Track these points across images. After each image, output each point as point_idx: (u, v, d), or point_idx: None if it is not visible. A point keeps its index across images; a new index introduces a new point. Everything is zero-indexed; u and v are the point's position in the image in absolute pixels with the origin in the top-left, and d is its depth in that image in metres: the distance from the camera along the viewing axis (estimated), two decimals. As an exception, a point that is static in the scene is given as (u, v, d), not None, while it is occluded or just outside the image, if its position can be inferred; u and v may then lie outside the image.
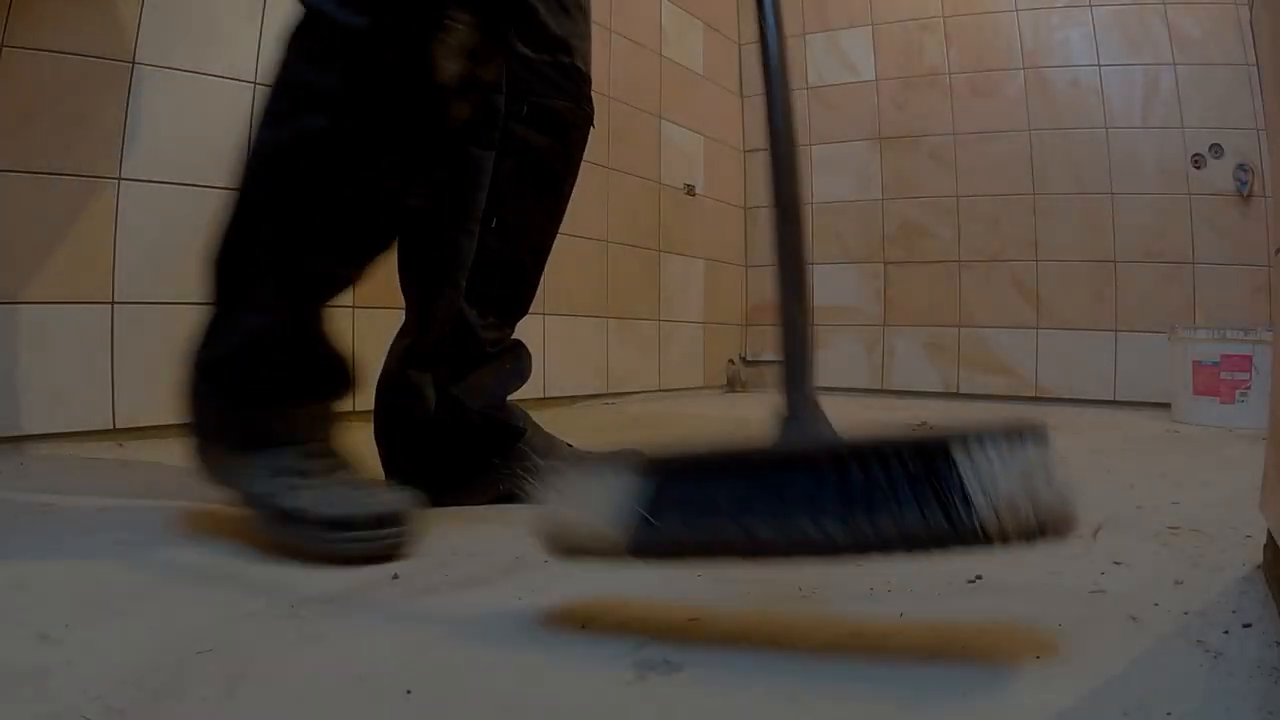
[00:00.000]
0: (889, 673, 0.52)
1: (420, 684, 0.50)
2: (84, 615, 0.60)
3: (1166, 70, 2.40)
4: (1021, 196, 2.59)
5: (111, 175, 1.40)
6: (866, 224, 2.83)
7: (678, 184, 2.70)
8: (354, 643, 0.57)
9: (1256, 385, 1.97)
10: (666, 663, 0.53)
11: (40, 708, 0.46)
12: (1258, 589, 0.68)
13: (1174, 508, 1.02)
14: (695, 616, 0.62)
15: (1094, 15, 2.50)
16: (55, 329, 1.34)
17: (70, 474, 1.15)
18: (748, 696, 0.49)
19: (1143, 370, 2.41)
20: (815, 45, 2.93)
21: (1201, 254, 2.37)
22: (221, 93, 1.54)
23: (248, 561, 0.75)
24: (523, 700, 0.48)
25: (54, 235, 1.34)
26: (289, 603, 0.64)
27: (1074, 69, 2.52)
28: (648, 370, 2.57)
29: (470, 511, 0.96)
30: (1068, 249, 2.53)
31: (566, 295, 2.28)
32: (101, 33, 1.38)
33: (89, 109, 1.37)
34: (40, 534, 0.83)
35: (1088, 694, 0.49)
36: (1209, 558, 0.78)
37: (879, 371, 2.80)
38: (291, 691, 0.49)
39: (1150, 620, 0.61)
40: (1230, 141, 2.33)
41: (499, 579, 0.72)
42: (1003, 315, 2.62)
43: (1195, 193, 2.38)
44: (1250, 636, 0.58)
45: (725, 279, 2.95)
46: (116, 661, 0.52)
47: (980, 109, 2.65)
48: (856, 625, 0.61)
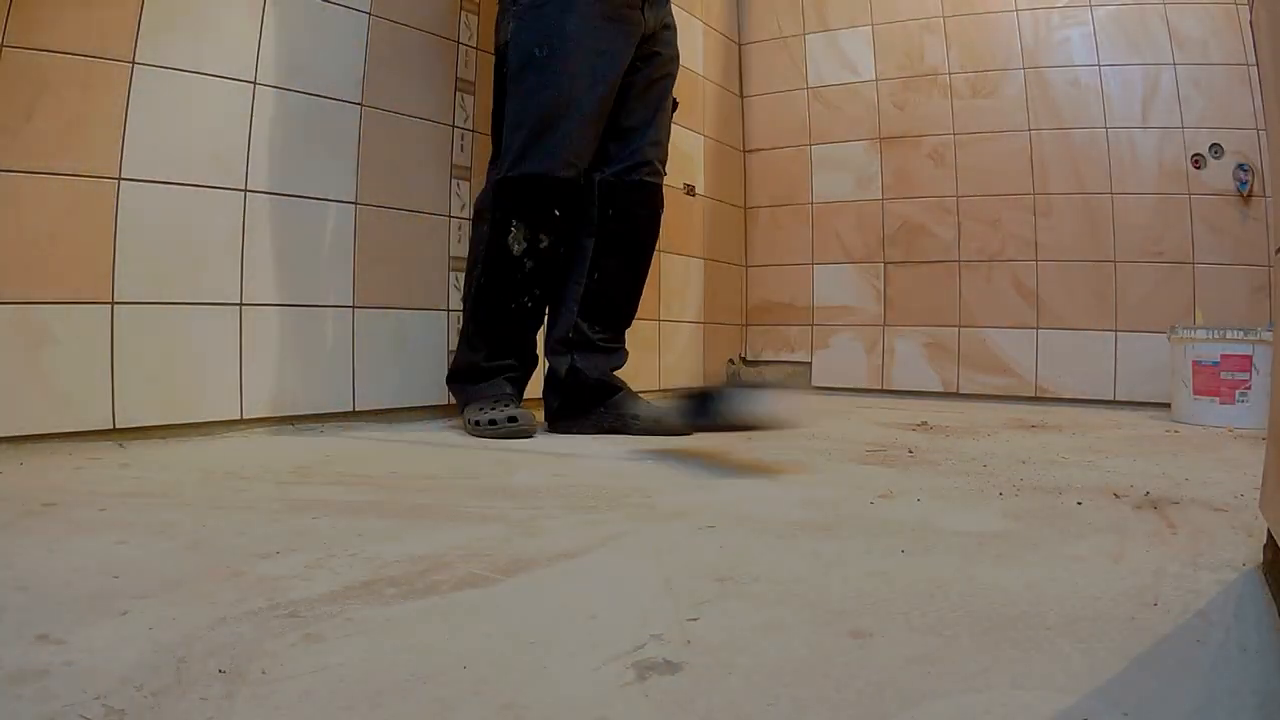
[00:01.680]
0: (886, 675, 0.53)
1: (420, 684, 0.50)
2: (84, 615, 0.60)
3: (1166, 70, 2.40)
4: (1021, 196, 2.59)
5: (111, 175, 1.40)
6: (866, 224, 2.83)
7: (678, 184, 2.70)
8: (354, 642, 0.57)
9: (1256, 385, 1.97)
10: (666, 663, 0.53)
11: (40, 708, 0.46)
12: (1258, 589, 0.68)
13: (1174, 507, 1.02)
14: (695, 616, 0.62)
15: (1094, 15, 2.50)
16: (55, 329, 1.34)
17: (70, 474, 1.15)
18: (748, 696, 0.49)
19: (1143, 370, 2.41)
20: (815, 45, 2.93)
21: (1201, 254, 2.37)
22: (221, 93, 1.54)
23: (248, 562, 0.75)
24: (523, 700, 0.48)
25: (54, 235, 1.34)
26: (289, 603, 0.64)
27: (1074, 69, 2.52)
28: (648, 370, 2.57)
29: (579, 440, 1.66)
30: (1068, 249, 2.53)
31: (566, 295, 2.27)
32: (101, 33, 1.38)
33: (89, 109, 1.37)
34: (40, 534, 0.83)
35: (1088, 694, 0.49)
36: (1209, 557, 0.78)
37: (879, 371, 2.80)
38: (291, 691, 0.49)
39: (1150, 620, 0.61)
40: (1230, 141, 2.33)
41: (498, 580, 0.72)
42: (1003, 315, 2.62)
43: (1195, 193, 2.38)
44: (1251, 636, 0.58)
45: (725, 279, 2.95)
46: (116, 661, 0.52)
47: (980, 109, 2.66)
48: (856, 626, 0.61)
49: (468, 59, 1.99)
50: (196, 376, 1.51)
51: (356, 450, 1.44)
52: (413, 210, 1.87)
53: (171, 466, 1.23)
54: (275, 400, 1.62)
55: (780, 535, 0.88)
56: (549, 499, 1.06)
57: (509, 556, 0.78)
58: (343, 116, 1.73)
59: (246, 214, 1.57)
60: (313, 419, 1.68)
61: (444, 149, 1.95)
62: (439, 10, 1.94)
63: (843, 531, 0.90)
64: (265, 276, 1.60)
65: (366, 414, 1.77)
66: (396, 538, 0.84)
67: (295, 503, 1.01)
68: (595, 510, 0.99)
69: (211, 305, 1.53)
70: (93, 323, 1.38)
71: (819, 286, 2.91)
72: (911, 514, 0.99)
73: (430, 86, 1.91)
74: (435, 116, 1.92)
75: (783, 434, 1.59)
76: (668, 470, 1.29)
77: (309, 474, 1.21)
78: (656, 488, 1.14)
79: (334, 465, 1.29)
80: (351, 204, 1.75)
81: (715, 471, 1.30)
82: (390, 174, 1.82)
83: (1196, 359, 2.05)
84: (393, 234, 1.83)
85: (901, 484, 1.18)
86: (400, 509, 0.99)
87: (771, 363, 2.98)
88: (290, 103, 1.64)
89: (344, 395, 1.73)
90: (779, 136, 3.00)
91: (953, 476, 1.24)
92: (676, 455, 1.44)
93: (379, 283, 1.80)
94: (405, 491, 1.10)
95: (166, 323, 1.47)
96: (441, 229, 1.94)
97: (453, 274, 1.96)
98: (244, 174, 1.57)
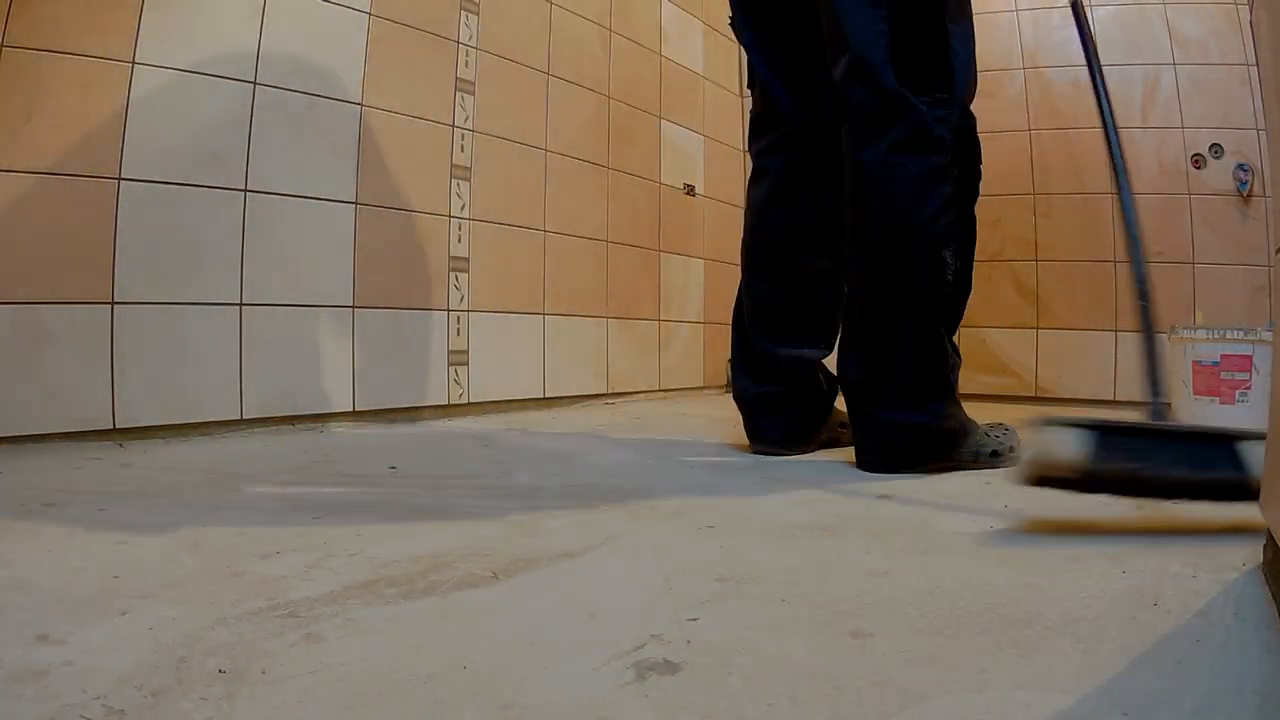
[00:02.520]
0: (882, 674, 0.52)
1: (420, 684, 0.50)
2: (84, 615, 0.60)
3: (1166, 70, 2.40)
4: (1021, 196, 2.59)
5: (112, 175, 1.40)
6: (866, 224, 2.83)
7: (678, 184, 2.70)
8: (354, 642, 0.57)
9: (1256, 385, 1.97)
10: (666, 663, 0.53)
11: (40, 708, 0.46)
12: (1258, 589, 0.68)
13: (1174, 507, 1.02)
14: (695, 616, 0.62)
15: (1094, 15, 2.49)
16: (55, 329, 1.34)
17: (70, 474, 1.15)
18: (748, 696, 0.49)
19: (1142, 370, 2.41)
20: (815, 45, 2.92)
21: (1201, 254, 2.37)
22: (221, 92, 1.54)
23: (248, 562, 0.75)
24: (523, 700, 0.48)
25: (54, 235, 1.34)
26: (289, 603, 0.64)
27: (1074, 69, 2.52)
28: (648, 370, 2.57)
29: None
30: (1068, 249, 2.53)
31: (566, 295, 2.28)
32: (101, 33, 1.38)
33: (89, 109, 1.37)
34: (41, 534, 0.83)
35: (1088, 694, 0.49)
36: (1209, 557, 0.78)
37: (879, 371, 2.80)
38: (291, 691, 0.49)
39: (1150, 620, 0.61)
40: (1230, 141, 2.33)
41: (498, 580, 0.72)
42: (1003, 315, 2.62)
43: (1195, 193, 2.38)
44: (1251, 636, 0.58)
45: (725, 279, 2.95)
46: (116, 661, 0.52)
47: (980, 109, 2.64)
48: (856, 626, 0.61)
49: (468, 59, 1.99)
50: (196, 376, 1.51)
51: (356, 450, 1.44)
52: (413, 210, 1.87)
53: (171, 466, 1.23)
54: (275, 400, 1.62)
55: (780, 535, 0.88)
56: (549, 499, 1.06)
57: (509, 556, 0.78)
58: (343, 116, 1.73)
59: (246, 214, 1.57)
60: (313, 419, 1.68)
61: (444, 149, 1.95)
62: (439, 10, 1.94)
63: (842, 531, 0.90)
64: (265, 276, 1.60)
65: (366, 414, 1.77)
66: (396, 538, 0.84)
67: (295, 503, 1.01)
68: (595, 510, 0.99)
69: (211, 305, 1.53)
70: (93, 323, 1.38)
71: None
72: (911, 514, 0.99)
73: (430, 86, 1.91)
74: (435, 116, 1.92)
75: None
76: (667, 470, 1.29)
77: (309, 474, 1.21)
78: (656, 488, 1.14)
79: (334, 465, 1.29)
80: (351, 204, 1.75)
81: (715, 471, 1.30)
82: (390, 174, 1.82)
83: (1196, 359, 2.05)
84: (393, 234, 1.83)
85: (897, 483, 1.18)
86: (400, 509, 0.99)
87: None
88: (290, 103, 1.64)
89: (344, 395, 1.73)
90: (779, 136, 2.99)
91: (952, 478, 1.24)
92: (677, 455, 1.44)
93: (379, 283, 1.80)
94: (405, 491, 1.10)
95: (166, 323, 1.47)
96: (441, 229, 1.94)
97: (453, 274, 1.96)
98: (244, 174, 1.57)
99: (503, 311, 2.09)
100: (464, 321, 1.99)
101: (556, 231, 2.24)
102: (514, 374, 2.13)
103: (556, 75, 2.24)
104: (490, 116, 2.04)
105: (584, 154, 2.33)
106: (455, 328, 1.96)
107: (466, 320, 1.99)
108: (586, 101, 2.35)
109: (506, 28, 2.10)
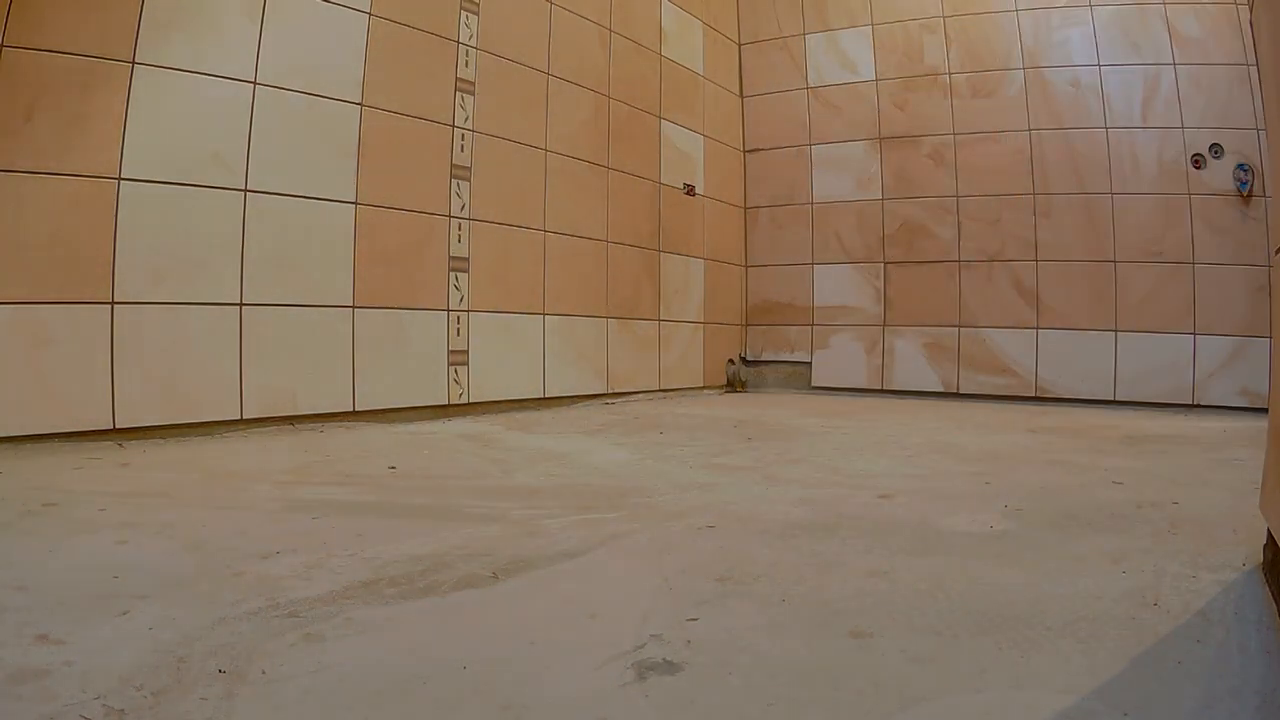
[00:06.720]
0: (882, 674, 0.52)
1: (420, 684, 0.50)
2: (84, 615, 0.60)
3: (1166, 70, 2.40)
4: (1021, 196, 2.59)
5: (111, 175, 1.40)
6: (866, 224, 2.83)
7: (678, 184, 2.70)
8: (353, 642, 0.57)
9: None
10: (666, 663, 0.53)
11: (40, 708, 0.46)
12: (1258, 589, 0.68)
13: (1174, 507, 1.02)
14: (695, 616, 0.62)
15: (1094, 15, 2.50)
16: (55, 329, 1.34)
17: (70, 474, 1.15)
18: (748, 696, 0.49)
19: (1143, 370, 2.41)
20: (815, 45, 2.93)
21: (1201, 254, 2.37)
22: (221, 92, 1.54)
23: (248, 562, 0.75)
24: (523, 700, 0.48)
25: (54, 235, 1.34)
26: (289, 603, 0.64)
27: (1074, 69, 2.52)
28: (648, 370, 2.57)
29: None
30: (1068, 249, 2.53)
31: (566, 295, 2.28)
32: (101, 33, 1.38)
33: (89, 109, 1.37)
34: (40, 534, 0.83)
35: (1088, 694, 0.49)
36: (1209, 557, 0.78)
37: (879, 371, 2.80)
38: (291, 691, 0.49)
39: (1151, 619, 0.61)
40: (1230, 141, 2.33)
41: (498, 580, 0.72)
42: (1003, 315, 2.62)
43: (1195, 193, 2.37)
44: (1251, 636, 0.57)
45: (725, 279, 2.95)
46: (116, 661, 0.52)
47: (980, 109, 2.66)
48: (856, 626, 0.61)
49: (468, 59, 1.99)
50: (196, 376, 1.50)
51: (356, 450, 1.44)
52: (413, 210, 1.87)
53: (171, 466, 1.23)
54: (275, 400, 1.62)
55: (780, 535, 0.88)
56: (549, 499, 1.06)
57: (509, 556, 0.78)
58: (343, 116, 1.73)
59: (246, 214, 1.57)
60: (313, 419, 1.68)
61: (444, 149, 1.95)
62: (439, 10, 1.94)
63: (843, 531, 0.89)
64: (265, 276, 1.60)
65: (366, 414, 1.77)
66: (396, 538, 0.84)
67: (295, 503, 1.01)
68: (595, 510, 0.99)
69: (211, 305, 1.53)
70: (93, 323, 1.38)
71: (819, 286, 2.91)
72: (912, 514, 0.99)
73: (430, 86, 1.91)
74: (435, 116, 1.92)
75: None
76: (668, 470, 1.29)
77: (309, 474, 1.21)
78: (656, 488, 1.14)
79: (334, 465, 1.29)
80: (351, 204, 1.75)
81: (715, 471, 1.30)
82: (390, 174, 1.82)
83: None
84: (393, 234, 1.83)
85: (897, 483, 1.18)
86: (400, 509, 0.99)
87: (771, 363, 2.98)
88: (290, 103, 1.63)
89: (344, 395, 1.73)
90: (779, 136, 3.00)
91: (952, 478, 1.24)
92: (678, 456, 1.44)
93: (379, 282, 1.80)
94: (405, 491, 1.09)
95: (166, 323, 1.47)
96: (441, 229, 1.94)
97: (452, 274, 1.96)
98: (244, 174, 1.57)
99: (503, 311, 2.09)
100: (464, 321, 1.99)
101: (556, 231, 2.24)
102: (514, 374, 2.13)
103: (557, 75, 2.24)
104: (490, 116, 2.04)
105: (584, 154, 2.33)
106: (455, 328, 1.96)
107: (466, 320, 1.99)
108: (586, 101, 2.35)
109: (507, 28, 2.10)
